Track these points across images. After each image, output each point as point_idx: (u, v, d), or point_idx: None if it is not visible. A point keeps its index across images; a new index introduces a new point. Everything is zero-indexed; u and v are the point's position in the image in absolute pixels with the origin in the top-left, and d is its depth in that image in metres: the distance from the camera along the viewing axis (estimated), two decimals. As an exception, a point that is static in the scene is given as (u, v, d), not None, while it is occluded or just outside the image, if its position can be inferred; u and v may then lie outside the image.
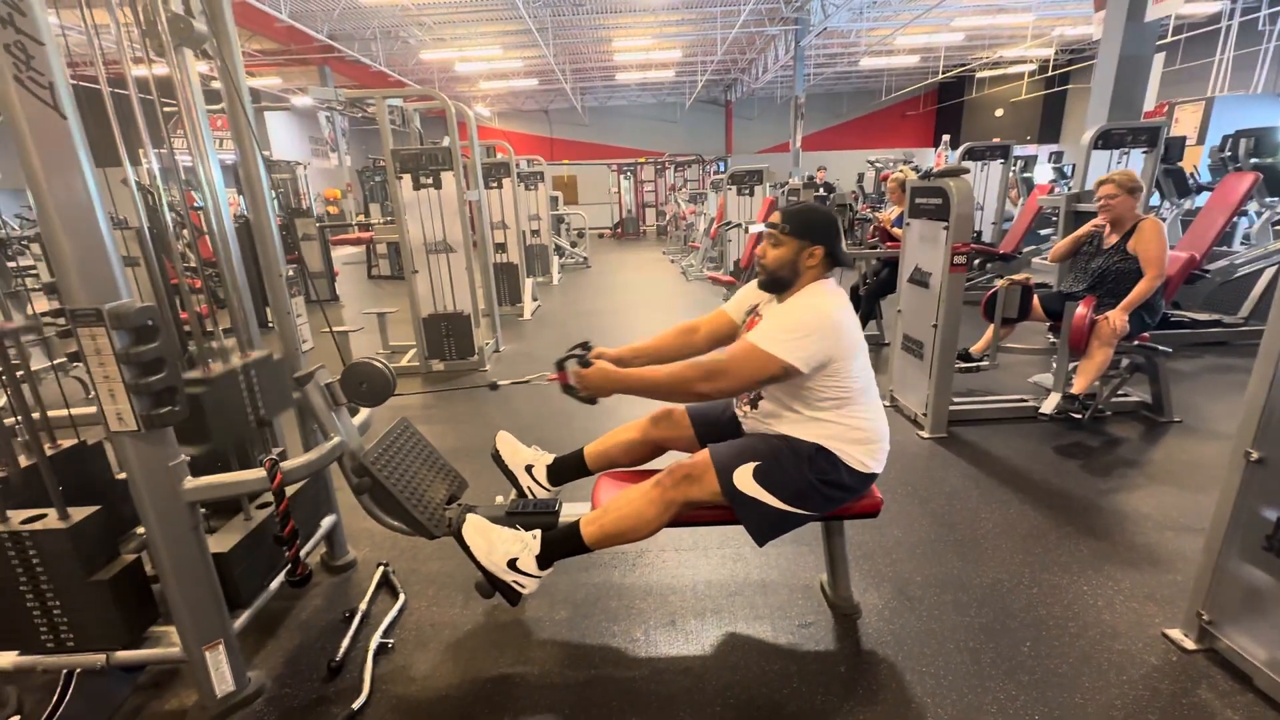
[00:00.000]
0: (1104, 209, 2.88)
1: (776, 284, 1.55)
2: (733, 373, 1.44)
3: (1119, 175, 2.84)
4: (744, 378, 1.44)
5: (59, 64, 1.09)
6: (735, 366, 1.44)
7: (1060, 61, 14.40)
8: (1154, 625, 1.68)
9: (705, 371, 1.45)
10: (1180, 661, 1.56)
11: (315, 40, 10.47)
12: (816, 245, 1.50)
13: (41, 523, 1.31)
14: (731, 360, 1.45)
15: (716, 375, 1.44)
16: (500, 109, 19.71)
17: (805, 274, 1.52)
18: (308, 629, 1.78)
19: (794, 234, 1.50)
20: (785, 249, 1.51)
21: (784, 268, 1.52)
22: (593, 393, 1.54)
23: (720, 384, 1.45)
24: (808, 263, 1.51)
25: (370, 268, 9.41)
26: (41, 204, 1.11)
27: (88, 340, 1.18)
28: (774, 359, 1.40)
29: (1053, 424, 2.98)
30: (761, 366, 1.41)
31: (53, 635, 1.36)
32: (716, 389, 1.45)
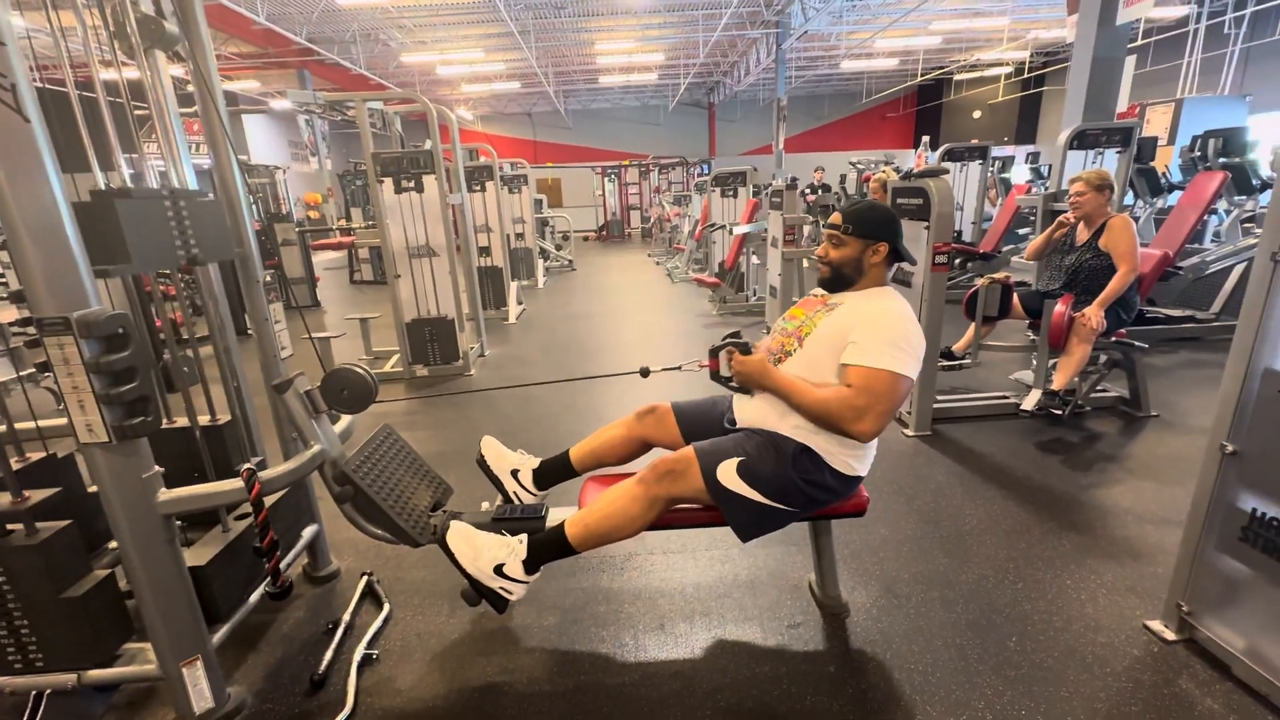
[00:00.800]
0: (1074, 206, 2.93)
1: (840, 282, 1.57)
2: (874, 408, 1.38)
3: (1089, 174, 2.90)
4: (885, 411, 1.39)
5: (21, 65, 1.06)
6: (875, 402, 1.37)
7: (1035, 64, 14.68)
8: (1135, 617, 1.71)
9: (855, 410, 1.38)
10: (1161, 652, 1.58)
11: (293, 43, 10.34)
12: (880, 242, 1.52)
13: (8, 540, 1.26)
14: (870, 391, 1.38)
15: (863, 413, 1.38)
16: (483, 112, 19.62)
17: (870, 271, 1.54)
18: (290, 642, 1.75)
19: (857, 234, 1.53)
20: (848, 249, 1.54)
21: (848, 265, 1.55)
22: (746, 381, 1.54)
23: (865, 425, 1.38)
24: (872, 260, 1.54)
25: (352, 273, 9.30)
26: (5, 210, 1.08)
27: (55, 350, 1.14)
28: (904, 378, 1.39)
29: (1034, 420, 3.02)
30: (896, 389, 1.39)
31: (20, 655, 1.32)
32: (860, 431, 1.39)
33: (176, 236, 1.45)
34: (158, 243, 1.40)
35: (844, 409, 1.40)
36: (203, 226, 1.53)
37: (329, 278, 9.57)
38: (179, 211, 1.46)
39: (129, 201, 1.32)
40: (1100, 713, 1.41)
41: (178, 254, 1.46)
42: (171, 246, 1.44)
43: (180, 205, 1.47)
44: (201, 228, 1.53)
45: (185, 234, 1.48)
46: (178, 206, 1.46)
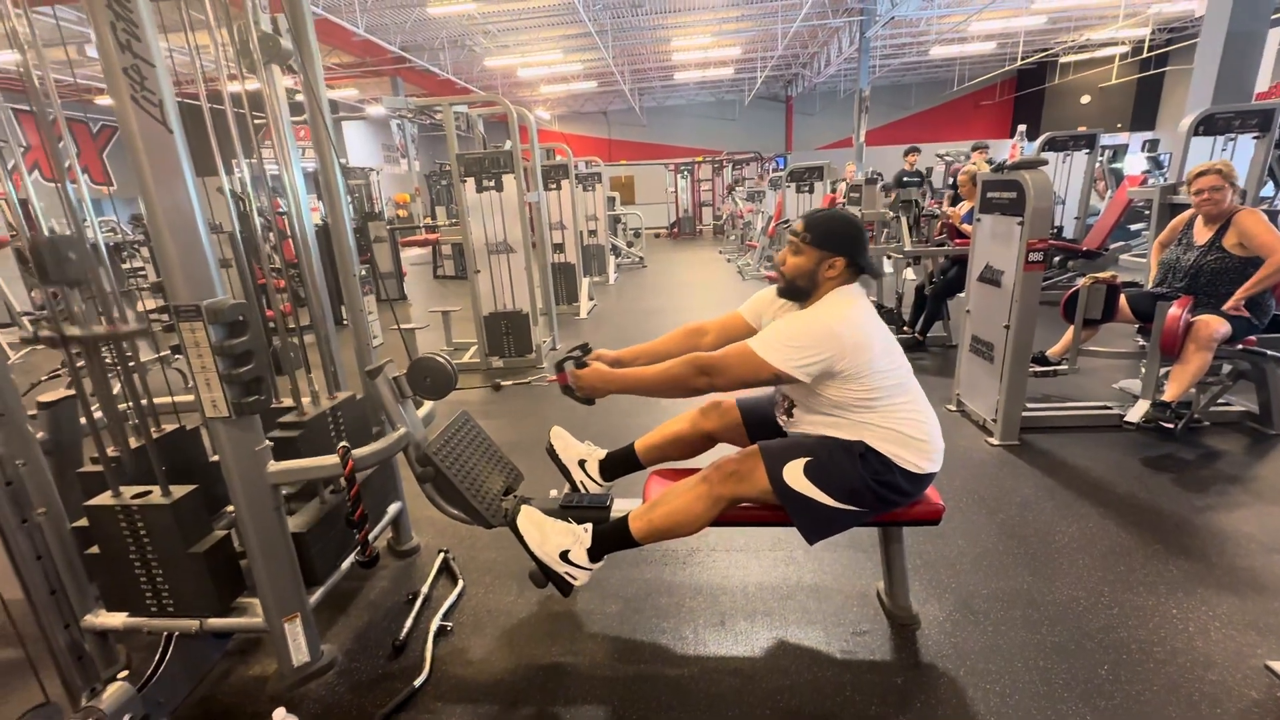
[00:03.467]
0: (1206, 203, 2.64)
1: (795, 293, 1.53)
2: (727, 371, 1.44)
3: (1222, 165, 2.60)
4: (736, 377, 1.44)
5: (167, 84, 1.21)
6: (729, 365, 1.44)
7: (1158, 42, 13.26)
8: (1256, 656, 1.54)
9: (698, 367, 1.46)
10: (1286, 697, 1.42)
11: (388, 52, 11.02)
12: (837, 256, 1.46)
13: (148, 498, 1.45)
14: (726, 357, 1.45)
15: (710, 371, 1.45)
16: (560, 112, 20.10)
17: (824, 284, 1.49)
18: (375, 608, 1.89)
19: (815, 243, 1.47)
20: (804, 258, 1.49)
21: (801, 277, 1.50)
22: (588, 393, 1.58)
23: (714, 379, 1.45)
24: (827, 273, 1.48)
25: (436, 268, 9.82)
26: (151, 210, 1.23)
27: (188, 334, 1.29)
28: (765, 364, 1.40)
29: (1140, 434, 2.76)
30: (754, 369, 1.42)
31: (155, 600, 1.51)
32: (710, 384, 1.45)
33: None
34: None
35: (687, 368, 1.46)
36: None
37: (414, 273, 10.16)
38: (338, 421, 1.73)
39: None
40: (1207, 756, 1.29)
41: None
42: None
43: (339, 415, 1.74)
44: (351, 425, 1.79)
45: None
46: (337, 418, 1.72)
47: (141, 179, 1.21)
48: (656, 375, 1.50)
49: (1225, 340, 2.55)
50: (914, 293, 4.55)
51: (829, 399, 1.46)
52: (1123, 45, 13.68)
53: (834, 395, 1.44)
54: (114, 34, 1.12)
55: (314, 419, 1.77)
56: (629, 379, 1.55)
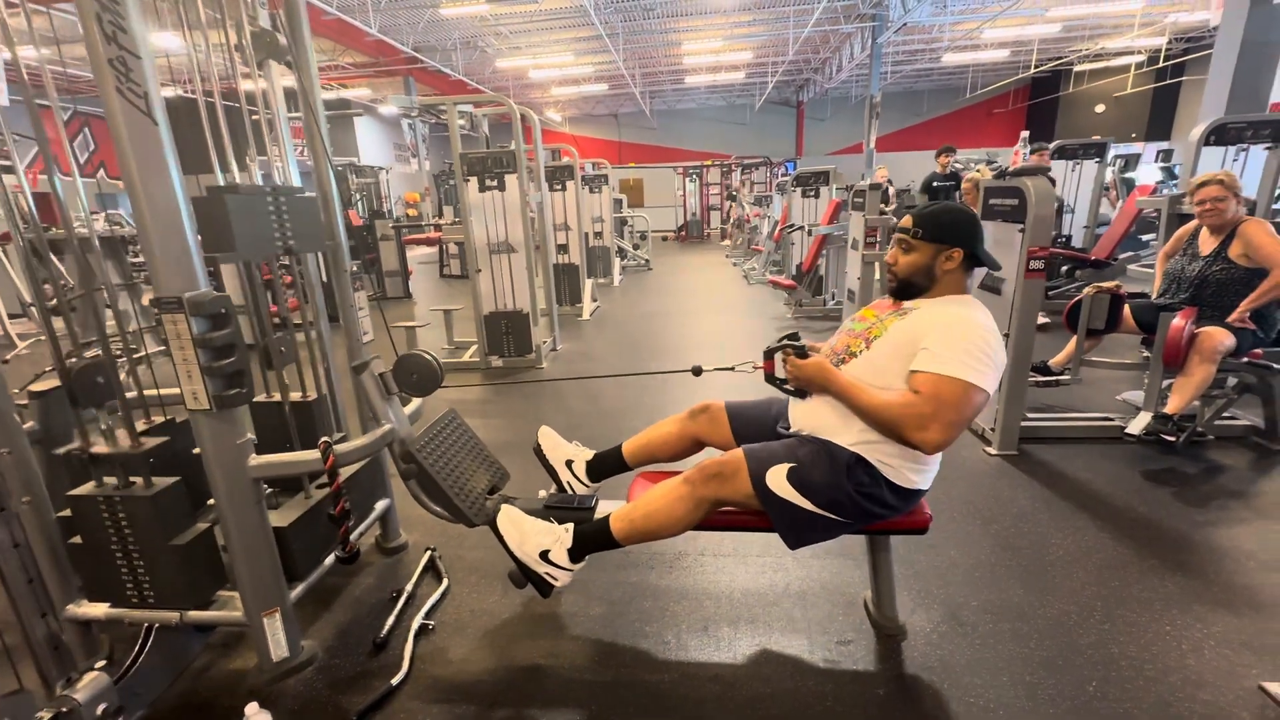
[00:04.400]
0: (1208, 213, 2.60)
1: (909, 290, 1.48)
2: (941, 418, 1.28)
3: (1224, 176, 2.56)
4: (953, 421, 1.28)
5: (153, 76, 1.21)
6: (943, 411, 1.28)
7: (1173, 51, 13.12)
8: (1250, 676, 1.50)
9: (917, 419, 1.30)
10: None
11: (401, 53, 11.12)
12: (954, 247, 1.42)
13: (130, 490, 1.45)
14: (937, 403, 1.28)
15: (927, 423, 1.29)
16: (571, 114, 20.17)
17: (944, 278, 1.44)
18: (359, 605, 1.89)
19: (928, 238, 1.43)
20: (918, 254, 1.44)
21: (918, 273, 1.45)
22: (803, 384, 1.50)
23: (929, 435, 1.29)
24: (945, 267, 1.43)
25: (442, 267, 9.87)
26: (136, 202, 1.24)
27: (170, 325, 1.30)
28: (979, 390, 1.28)
29: (1142, 447, 2.71)
30: (968, 400, 1.28)
31: (136, 591, 1.51)
32: (923, 440, 1.30)
33: (276, 229, 1.61)
34: (260, 234, 1.55)
35: (908, 415, 1.31)
36: (300, 220, 1.68)
37: (421, 271, 10.21)
38: (279, 206, 1.61)
39: (236, 196, 1.47)
40: (1194, 778, 1.26)
41: (276, 245, 1.61)
42: (271, 238, 1.59)
43: (280, 201, 1.62)
44: (298, 221, 1.67)
45: (284, 227, 1.63)
46: (278, 201, 1.61)
47: (126, 170, 1.22)
48: (876, 404, 1.35)
49: (1230, 353, 2.50)
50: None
51: None
52: (1138, 54, 13.56)
53: None
54: (100, 25, 1.13)
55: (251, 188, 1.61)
56: (850, 389, 1.39)
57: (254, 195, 1.54)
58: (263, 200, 1.56)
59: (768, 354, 1.57)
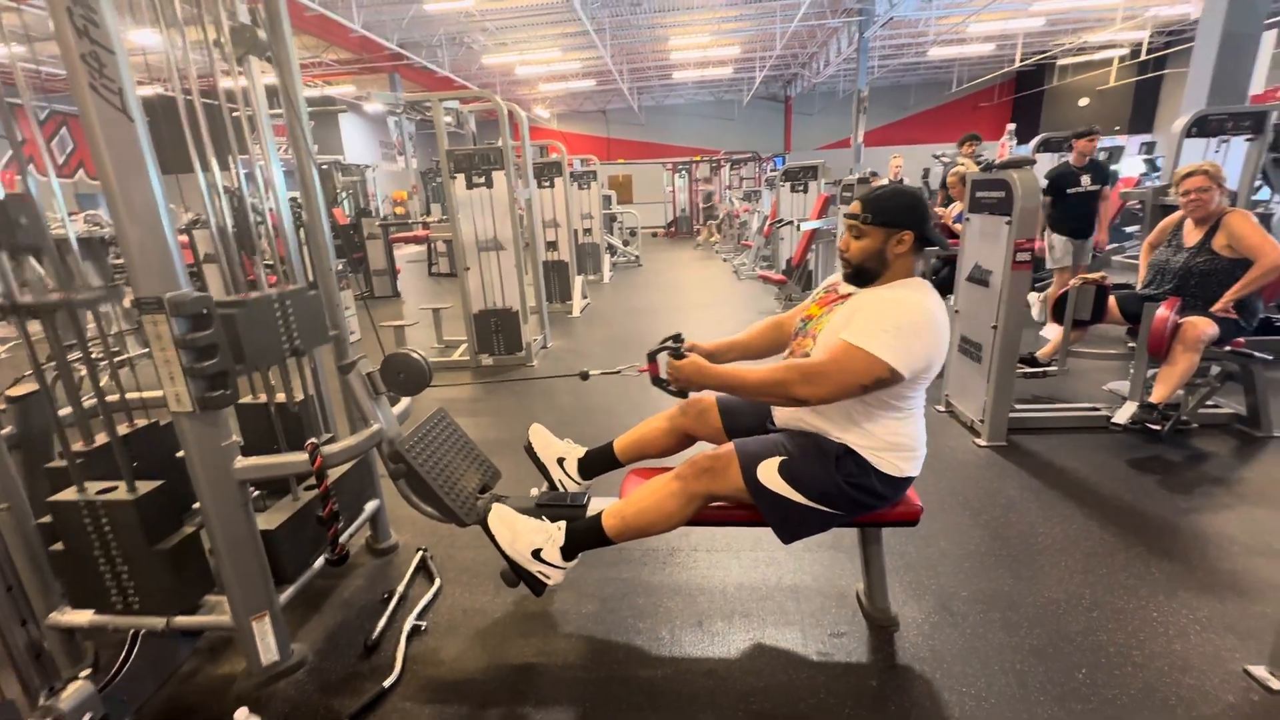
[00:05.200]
0: (1192, 204, 2.63)
1: (863, 276, 1.47)
2: (832, 377, 1.32)
3: (1209, 167, 2.59)
4: (845, 383, 1.32)
5: (127, 72, 1.18)
6: (835, 370, 1.32)
7: (1155, 45, 13.26)
8: (1234, 660, 1.52)
9: (802, 375, 1.34)
10: (1263, 701, 1.40)
11: (386, 49, 10.99)
12: (904, 230, 1.40)
13: (112, 494, 1.43)
14: (831, 363, 1.33)
15: (814, 379, 1.33)
16: (559, 110, 20.06)
17: (896, 263, 1.43)
18: (349, 607, 1.87)
19: (878, 222, 1.41)
20: (869, 239, 1.42)
21: (870, 258, 1.43)
22: (684, 385, 1.51)
23: (818, 389, 1.33)
24: (896, 250, 1.41)
25: (430, 265, 9.79)
26: (112, 201, 1.21)
27: (150, 326, 1.27)
28: (879, 361, 1.29)
29: (1128, 435, 2.74)
30: (865, 369, 1.30)
31: (121, 597, 1.49)
32: (814, 394, 1.34)
33: (283, 334, 1.60)
34: (268, 343, 1.54)
35: (791, 374, 1.35)
36: (304, 319, 1.69)
37: (409, 270, 10.12)
38: (285, 310, 1.61)
39: (246, 311, 1.45)
40: (1181, 761, 1.27)
41: (284, 349, 1.61)
42: (279, 345, 1.59)
43: (287, 304, 1.62)
44: (304, 321, 1.68)
45: (290, 330, 1.62)
46: (284, 306, 1.61)
47: (102, 169, 1.19)
48: (758, 379, 1.39)
49: (1213, 342, 2.54)
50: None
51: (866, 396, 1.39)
52: (1121, 48, 13.69)
53: (878, 392, 1.37)
54: (71, 19, 1.10)
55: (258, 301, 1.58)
56: (728, 377, 1.44)
57: (262, 306, 1.54)
58: (269, 309, 1.57)
59: (650, 357, 1.58)
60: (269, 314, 1.55)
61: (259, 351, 1.51)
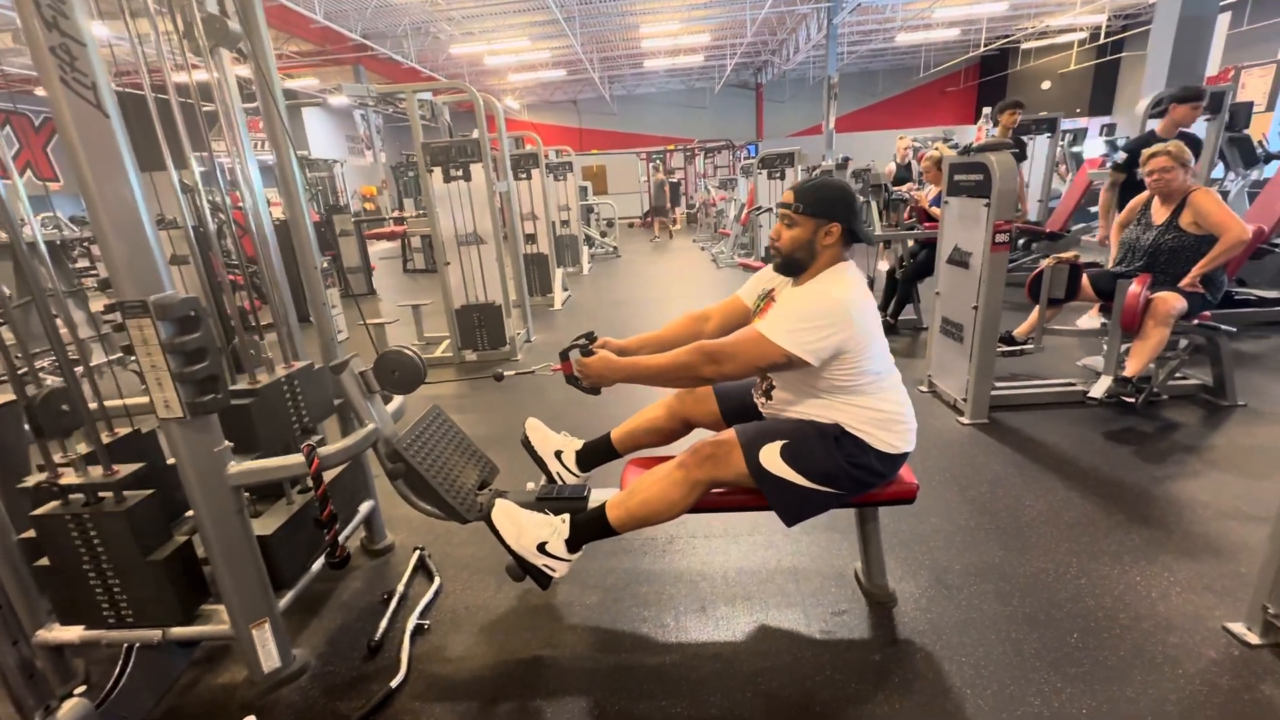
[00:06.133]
0: (1157, 183, 2.72)
1: (793, 266, 1.50)
2: (737, 358, 1.41)
3: (1173, 147, 2.67)
4: (747, 363, 1.42)
5: (100, 66, 1.13)
6: (739, 352, 1.41)
7: (1114, 28, 13.59)
8: (1213, 618, 1.60)
9: (707, 355, 1.43)
10: (1242, 656, 1.47)
11: (349, 40, 10.68)
12: (833, 222, 1.43)
13: (100, 506, 1.38)
14: (736, 345, 1.42)
15: (720, 359, 1.42)
16: (530, 101, 19.78)
17: (823, 254, 1.46)
18: (349, 609, 1.85)
19: (808, 213, 1.44)
20: (800, 229, 1.45)
21: (800, 249, 1.46)
22: (594, 381, 1.55)
23: (724, 368, 1.43)
24: (825, 242, 1.45)
25: (405, 261, 9.62)
26: (91, 202, 1.16)
27: (136, 331, 1.23)
28: (777, 348, 1.37)
29: (1103, 409, 2.84)
30: (764, 354, 1.39)
31: (114, 611, 1.44)
32: (720, 373, 1.44)
33: (293, 413, 1.58)
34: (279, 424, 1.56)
35: (696, 356, 1.43)
36: (311, 395, 1.70)
37: (384, 266, 9.93)
38: (294, 390, 1.63)
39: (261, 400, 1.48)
40: (1171, 715, 1.34)
41: (294, 429, 1.60)
42: (289, 425, 1.59)
43: (295, 384, 1.65)
44: (311, 397, 1.69)
45: (299, 408, 1.64)
46: (293, 386, 1.63)
47: (78, 169, 1.14)
48: (664, 364, 1.46)
49: (1182, 316, 2.63)
50: (885, 277, 4.60)
51: (819, 381, 1.45)
52: (1081, 31, 14.00)
53: (827, 376, 1.42)
54: (38, 10, 1.05)
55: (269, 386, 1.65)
56: (636, 367, 1.51)
57: (272, 390, 1.57)
58: (279, 391, 1.60)
59: (563, 355, 1.60)
60: (279, 398, 1.60)
61: (272, 435, 1.56)
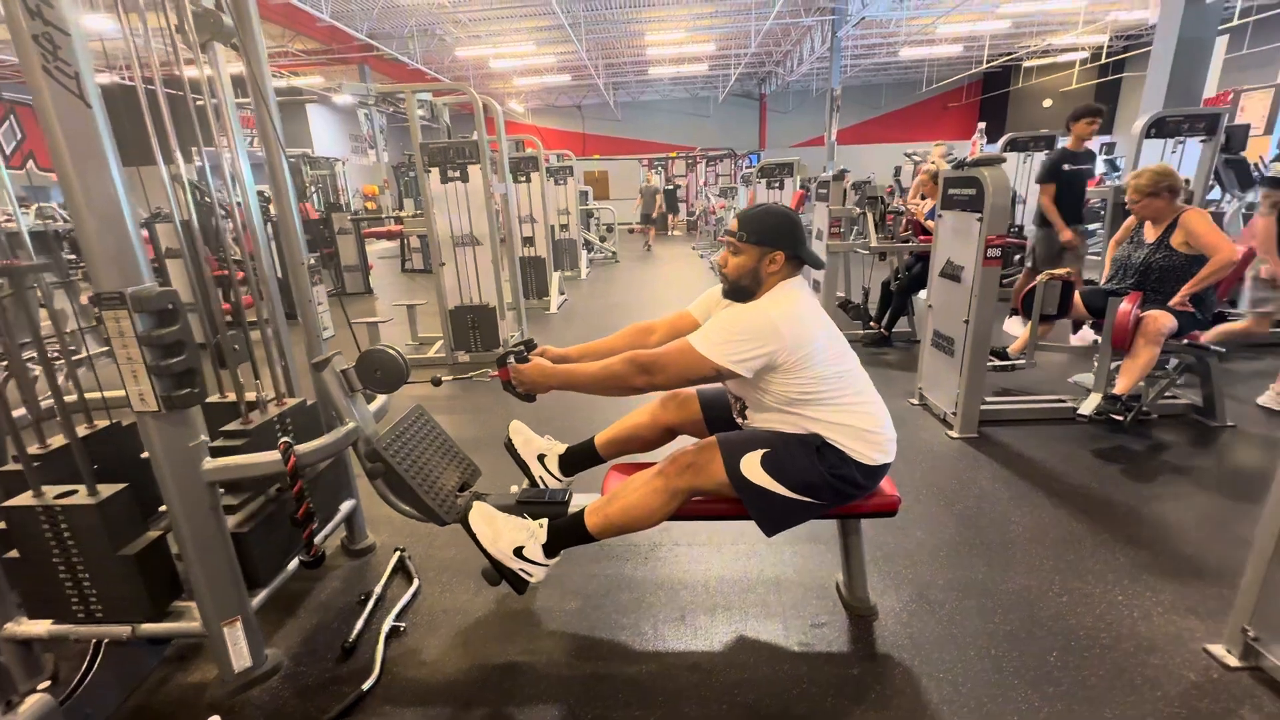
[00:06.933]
0: (1135, 207, 2.76)
1: (740, 293, 1.51)
2: (666, 368, 1.42)
3: (1147, 177, 2.69)
4: (676, 374, 1.43)
5: (84, 56, 1.13)
6: (669, 362, 1.42)
7: (1115, 49, 13.71)
8: (1195, 640, 1.58)
9: (639, 366, 1.43)
10: (1222, 679, 1.46)
11: (355, 39, 10.73)
12: (776, 250, 1.45)
13: (72, 498, 1.36)
14: (665, 355, 1.43)
15: (649, 369, 1.43)
16: (534, 105, 19.87)
17: (768, 280, 1.48)
18: (325, 610, 1.83)
19: (752, 241, 1.46)
20: (744, 257, 1.48)
21: (744, 275, 1.49)
22: (528, 389, 1.55)
23: (654, 378, 1.43)
24: (769, 269, 1.47)
25: (403, 261, 9.62)
26: (69, 191, 1.15)
27: (112, 323, 1.22)
28: (704, 360, 1.39)
29: (1092, 426, 2.84)
30: (693, 364, 1.40)
31: (83, 606, 1.42)
32: (650, 383, 1.44)
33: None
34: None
35: (628, 366, 1.43)
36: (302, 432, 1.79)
37: (382, 266, 9.93)
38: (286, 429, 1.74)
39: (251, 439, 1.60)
40: (1147, 738, 1.32)
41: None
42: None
43: (287, 422, 1.74)
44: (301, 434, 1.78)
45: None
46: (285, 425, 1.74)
47: (58, 158, 1.13)
48: (596, 372, 1.47)
49: (1172, 335, 2.63)
50: (880, 289, 4.61)
51: (775, 394, 1.45)
52: (1082, 51, 14.12)
53: (779, 390, 1.44)
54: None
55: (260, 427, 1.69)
56: (569, 375, 1.51)
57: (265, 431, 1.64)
58: (271, 433, 1.66)
59: (499, 362, 1.59)
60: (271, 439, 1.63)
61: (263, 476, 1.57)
